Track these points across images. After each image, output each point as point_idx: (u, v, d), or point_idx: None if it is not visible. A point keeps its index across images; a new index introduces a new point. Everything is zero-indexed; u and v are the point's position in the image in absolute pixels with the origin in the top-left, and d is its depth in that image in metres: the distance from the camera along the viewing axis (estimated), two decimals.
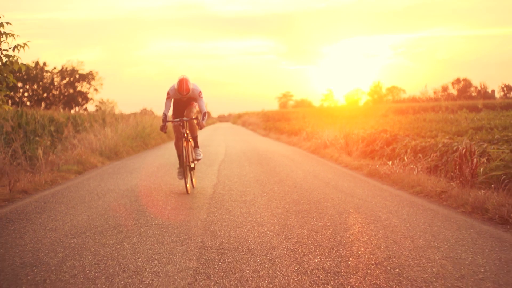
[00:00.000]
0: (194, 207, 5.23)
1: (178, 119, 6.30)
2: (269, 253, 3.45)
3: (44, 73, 46.76)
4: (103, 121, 17.19)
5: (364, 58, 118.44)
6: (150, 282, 2.90)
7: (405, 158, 7.69)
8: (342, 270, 3.05)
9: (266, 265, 3.17)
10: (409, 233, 3.98)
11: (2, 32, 6.78)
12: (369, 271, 3.04)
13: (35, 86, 42.87)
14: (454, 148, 7.05)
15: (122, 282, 2.89)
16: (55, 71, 48.33)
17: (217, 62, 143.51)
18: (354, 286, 2.77)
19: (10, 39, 6.87)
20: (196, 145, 6.69)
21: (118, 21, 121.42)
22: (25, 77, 41.38)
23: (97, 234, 4.10)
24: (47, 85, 47.49)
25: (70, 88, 48.28)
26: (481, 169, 5.67)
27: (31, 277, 3.03)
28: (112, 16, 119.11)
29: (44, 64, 46.73)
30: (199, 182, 7.13)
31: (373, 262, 3.20)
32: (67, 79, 48.54)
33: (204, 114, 6.38)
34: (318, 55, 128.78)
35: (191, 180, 6.55)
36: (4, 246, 3.80)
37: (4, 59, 6.78)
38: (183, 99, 6.34)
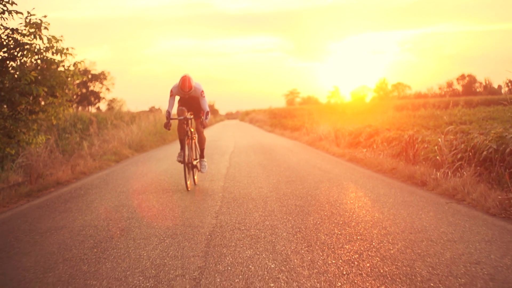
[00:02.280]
0: (214, 180, 7.52)
1: (182, 117, 6.71)
2: (264, 199, 5.73)
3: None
4: (122, 119, 19.63)
5: (371, 54, 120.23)
6: (196, 210, 5.19)
7: (374, 146, 9.94)
8: (306, 205, 5.32)
9: (262, 203, 5.45)
10: (356, 190, 6.25)
11: (64, 52, 9.09)
12: (321, 205, 5.30)
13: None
14: (415, 138, 9.27)
15: (180, 211, 5.19)
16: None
17: (224, 60, 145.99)
18: (310, 210, 5.04)
19: (70, 57, 9.19)
20: (202, 156, 7.09)
21: (124, 19, 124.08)
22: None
23: (152, 193, 6.40)
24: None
25: (83, 87, 50.98)
26: (422, 152, 7.91)
27: (126, 209, 5.34)
28: (118, 14, 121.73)
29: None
30: (216, 166, 9.41)
31: (325, 202, 5.47)
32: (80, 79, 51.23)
33: (207, 113, 6.64)
34: (325, 52, 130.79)
35: (193, 177, 6.97)
36: (97, 199, 6.12)
37: (67, 74, 9.09)
38: (186, 97, 6.65)
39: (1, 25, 7.99)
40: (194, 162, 6.89)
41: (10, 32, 8.02)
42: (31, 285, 3.04)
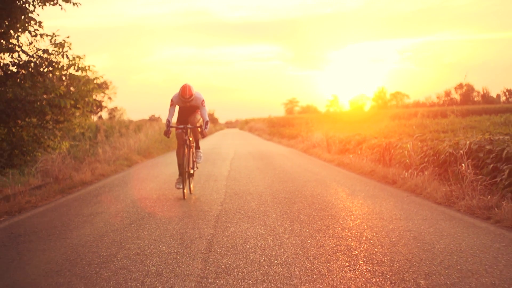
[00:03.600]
0: (218, 180, 8.90)
1: (182, 126, 6.90)
2: (259, 193, 7.11)
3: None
4: (127, 127, 21.04)
5: (370, 63, 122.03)
6: (205, 201, 6.57)
7: (359, 152, 11.34)
8: (293, 197, 6.69)
9: (258, 196, 6.83)
10: (336, 187, 7.63)
11: (85, 69, 10.48)
12: (305, 198, 6.67)
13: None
14: (394, 145, 10.66)
15: (192, 201, 6.56)
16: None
17: (224, 68, 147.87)
18: (296, 201, 6.41)
19: (89, 72, 10.62)
20: (197, 147, 7.34)
21: (124, 28, 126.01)
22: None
23: (167, 190, 7.78)
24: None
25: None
26: (398, 156, 9.30)
27: (148, 200, 6.71)
28: (118, 23, 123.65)
29: None
30: (218, 169, 10.79)
31: (309, 195, 6.84)
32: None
33: (206, 122, 6.79)
34: (325, 60, 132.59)
35: (189, 186, 7.17)
36: (121, 194, 7.49)
37: (88, 88, 10.50)
38: (187, 105, 6.84)
39: (34, 46, 9.45)
40: (191, 171, 7.15)
41: (42, 53, 9.45)
42: (95, 243, 4.41)
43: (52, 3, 9.28)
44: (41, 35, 9.39)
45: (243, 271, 3.47)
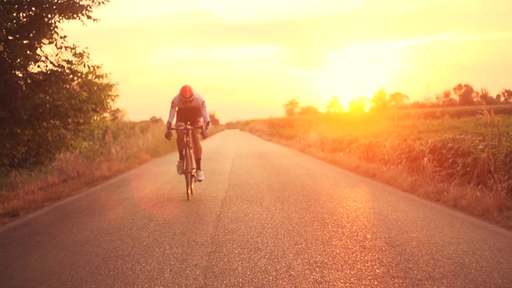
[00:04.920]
0: (222, 175, 10.31)
1: (182, 127, 7.13)
2: (258, 184, 8.52)
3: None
4: (132, 128, 22.44)
5: (371, 64, 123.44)
6: (212, 190, 7.98)
7: (347, 150, 12.76)
8: (285, 187, 8.10)
9: (256, 186, 8.24)
10: (323, 179, 9.04)
11: (103, 76, 11.89)
12: (296, 187, 8.08)
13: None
14: (379, 144, 12.05)
15: (201, 190, 7.97)
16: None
17: (225, 70, 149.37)
18: (287, 189, 7.81)
19: (105, 79, 12.03)
20: (198, 167, 7.39)
21: (125, 29, 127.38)
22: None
23: (179, 182, 9.18)
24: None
25: None
26: (380, 154, 10.70)
27: (164, 190, 8.12)
28: (119, 24, 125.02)
29: None
30: (221, 166, 12.19)
31: (299, 185, 8.25)
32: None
33: (208, 123, 6.93)
34: (325, 61, 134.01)
35: (191, 186, 7.32)
36: (140, 185, 8.90)
37: (105, 93, 11.90)
38: (187, 106, 7.02)
39: (60, 57, 10.87)
40: (192, 172, 7.37)
41: (66, 63, 10.88)
42: (130, 217, 5.81)
43: (72, 17, 10.67)
44: (66, 47, 10.80)
45: (244, 232, 4.88)
